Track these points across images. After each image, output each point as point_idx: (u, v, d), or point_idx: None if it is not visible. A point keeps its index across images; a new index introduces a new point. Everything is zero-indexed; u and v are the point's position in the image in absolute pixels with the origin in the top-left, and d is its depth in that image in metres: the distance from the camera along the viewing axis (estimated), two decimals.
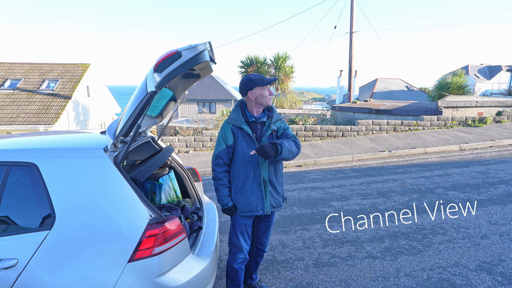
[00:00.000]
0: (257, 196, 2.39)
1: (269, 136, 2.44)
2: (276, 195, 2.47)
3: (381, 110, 11.71)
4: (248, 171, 2.37)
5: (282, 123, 2.52)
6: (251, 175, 2.37)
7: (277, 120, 2.49)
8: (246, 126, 2.37)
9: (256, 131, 2.43)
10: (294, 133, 2.78)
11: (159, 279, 1.83)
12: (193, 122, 19.61)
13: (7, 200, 1.90)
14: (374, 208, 4.64)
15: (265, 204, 2.42)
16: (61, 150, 2.03)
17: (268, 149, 2.22)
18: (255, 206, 2.40)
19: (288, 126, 2.55)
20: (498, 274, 2.94)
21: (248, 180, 2.37)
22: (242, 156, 2.37)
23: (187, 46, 1.84)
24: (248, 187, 2.37)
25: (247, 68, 16.98)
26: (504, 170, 6.10)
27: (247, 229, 2.47)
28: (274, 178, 2.45)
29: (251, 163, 2.37)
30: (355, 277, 3.02)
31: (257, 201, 2.40)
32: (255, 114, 2.44)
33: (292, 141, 2.43)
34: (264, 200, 2.41)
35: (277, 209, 2.50)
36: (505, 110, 11.10)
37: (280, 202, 2.51)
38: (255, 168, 2.37)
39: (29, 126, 14.07)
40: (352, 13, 14.07)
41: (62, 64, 17.83)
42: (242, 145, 2.37)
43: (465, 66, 36.66)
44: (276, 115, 2.51)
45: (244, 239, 2.46)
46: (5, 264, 1.76)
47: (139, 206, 1.87)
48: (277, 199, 2.49)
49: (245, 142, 2.38)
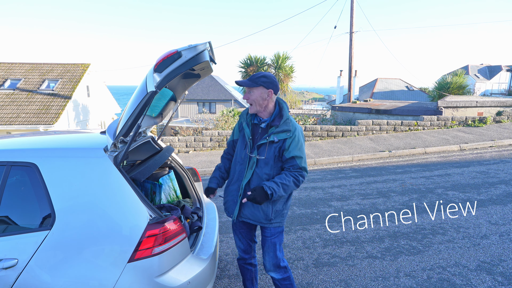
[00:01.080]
0: (233, 200, 2.29)
1: (267, 148, 2.14)
2: (253, 208, 2.19)
3: (381, 110, 11.71)
4: (235, 172, 2.29)
5: (291, 139, 2.12)
6: (235, 177, 2.28)
7: (282, 131, 2.13)
8: (246, 127, 2.25)
9: (255, 135, 2.23)
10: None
11: (159, 279, 1.83)
12: (193, 122, 19.63)
13: (7, 200, 1.90)
14: (374, 208, 4.64)
15: (235, 210, 2.26)
16: (61, 150, 2.03)
17: (260, 198, 2.05)
18: (228, 207, 2.33)
19: (301, 154, 2.13)
20: (498, 274, 2.94)
21: (233, 181, 2.30)
22: (236, 155, 2.31)
23: (187, 46, 1.84)
24: (231, 187, 2.31)
25: (247, 68, 16.98)
26: (504, 170, 6.10)
27: (239, 229, 2.41)
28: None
29: (240, 165, 2.25)
30: (355, 277, 3.02)
31: (231, 204, 2.30)
32: (260, 116, 2.24)
33: (292, 176, 2.13)
34: (236, 205, 2.25)
35: (254, 222, 2.24)
36: (505, 110, 11.10)
37: (259, 218, 2.20)
38: (240, 172, 2.25)
39: (29, 126, 14.07)
40: (352, 13, 14.07)
41: (62, 64, 17.83)
42: (240, 144, 2.30)
43: (465, 66, 36.66)
44: (284, 125, 2.14)
45: (238, 238, 2.45)
46: (5, 264, 1.76)
47: (139, 206, 1.87)
48: (255, 213, 2.20)
49: (243, 142, 2.27)
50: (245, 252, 2.48)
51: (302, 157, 2.16)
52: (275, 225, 2.24)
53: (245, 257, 2.49)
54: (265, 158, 2.14)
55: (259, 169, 2.16)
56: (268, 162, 2.15)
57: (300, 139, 2.17)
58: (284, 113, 2.19)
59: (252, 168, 2.18)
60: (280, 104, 2.24)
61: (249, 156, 2.20)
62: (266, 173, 2.16)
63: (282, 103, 2.24)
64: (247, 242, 2.45)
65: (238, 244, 2.47)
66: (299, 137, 2.16)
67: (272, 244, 2.28)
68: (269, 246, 2.29)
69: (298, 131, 2.16)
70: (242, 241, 2.45)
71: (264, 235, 2.31)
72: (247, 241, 2.45)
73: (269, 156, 2.14)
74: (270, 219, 2.20)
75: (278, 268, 2.29)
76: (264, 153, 2.15)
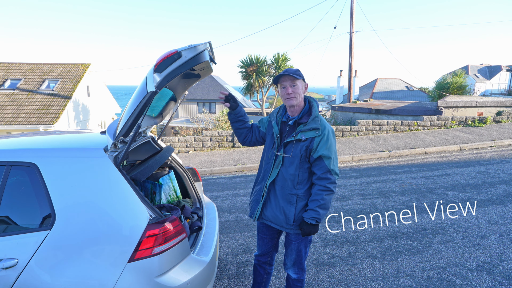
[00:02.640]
0: (256, 200, 2.26)
1: (294, 146, 2.06)
2: (276, 209, 2.14)
3: (381, 110, 11.71)
4: (261, 171, 2.26)
5: (320, 137, 2.02)
6: (261, 176, 2.24)
7: (310, 130, 2.04)
8: (275, 125, 2.18)
9: (283, 133, 2.16)
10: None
11: (159, 279, 1.83)
12: (193, 122, 19.62)
13: (7, 200, 1.90)
14: (374, 208, 4.64)
15: (256, 210, 2.24)
16: (61, 150, 2.03)
17: (310, 230, 2.02)
18: (251, 208, 2.31)
19: (329, 154, 2.02)
20: (498, 274, 2.94)
21: (258, 180, 2.27)
22: (264, 154, 2.26)
23: (187, 46, 1.84)
24: (256, 187, 2.28)
25: (247, 68, 16.97)
26: (504, 170, 6.10)
27: (262, 234, 2.37)
28: (281, 190, 2.12)
29: (267, 164, 2.20)
30: (355, 277, 3.02)
31: (254, 204, 2.28)
32: (289, 114, 2.16)
33: (321, 190, 2.02)
34: (258, 205, 2.23)
35: (276, 226, 2.18)
36: (505, 110, 11.10)
37: (280, 221, 2.14)
38: (266, 171, 2.19)
39: (29, 126, 14.08)
40: (352, 13, 14.07)
41: (62, 64, 17.83)
42: (268, 143, 2.23)
43: (465, 66, 36.66)
44: (312, 123, 2.05)
45: (260, 237, 2.40)
46: (5, 264, 1.76)
47: (139, 206, 1.87)
48: (276, 214, 2.14)
49: (271, 141, 2.20)
50: (262, 255, 2.42)
51: (331, 157, 2.03)
52: (298, 231, 2.15)
53: (260, 259, 2.44)
54: (291, 157, 2.06)
55: (285, 168, 2.09)
56: (294, 161, 2.06)
57: (330, 138, 2.05)
58: (313, 110, 2.10)
59: (278, 167, 2.11)
60: (310, 102, 2.16)
61: (276, 155, 2.14)
62: (291, 173, 2.07)
63: (312, 101, 2.17)
64: (266, 248, 2.39)
65: (258, 244, 2.42)
66: (329, 137, 2.04)
67: (296, 247, 2.21)
68: (293, 249, 2.23)
69: (328, 130, 2.05)
70: (261, 246, 2.40)
71: (288, 238, 2.24)
72: (266, 247, 2.39)
73: (295, 155, 2.05)
74: (292, 223, 2.11)
75: (297, 269, 2.27)
76: (290, 151, 2.06)
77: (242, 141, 2.35)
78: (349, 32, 14.24)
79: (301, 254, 2.23)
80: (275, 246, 2.41)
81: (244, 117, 2.30)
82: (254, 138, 2.33)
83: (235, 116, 2.29)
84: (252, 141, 2.35)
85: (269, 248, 2.39)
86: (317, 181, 2.06)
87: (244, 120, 2.31)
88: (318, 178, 2.05)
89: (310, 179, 2.12)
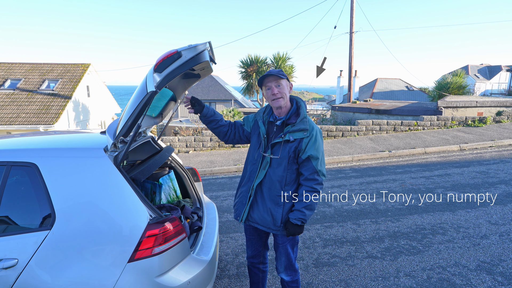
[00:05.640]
0: (242, 202, 2.22)
1: (282, 148, 2.04)
2: (263, 211, 2.11)
3: (381, 110, 11.71)
4: (246, 172, 2.22)
5: (308, 138, 2.02)
6: (246, 177, 2.21)
7: (299, 130, 2.03)
8: (262, 125, 2.15)
9: (270, 133, 2.13)
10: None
11: (159, 279, 1.83)
12: (193, 122, 19.60)
13: (7, 200, 1.90)
14: (374, 208, 4.64)
15: (242, 212, 2.20)
16: (61, 150, 2.03)
17: (295, 230, 2.03)
18: (237, 209, 2.27)
19: (317, 154, 2.02)
20: (498, 274, 2.94)
21: (243, 182, 2.23)
22: (249, 155, 2.22)
23: (187, 46, 1.84)
24: (241, 188, 2.24)
25: (247, 68, 16.98)
26: (504, 170, 6.10)
27: (249, 235, 2.36)
28: (268, 192, 2.09)
29: (253, 165, 2.16)
30: (355, 277, 3.02)
31: (240, 206, 2.24)
32: (276, 114, 2.14)
33: (307, 191, 2.02)
34: (244, 207, 2.19)
35: (263, 228, 2.15)
36: (505, 110, 11.10)
37: (267, 223, 2.11)
38: (252, 172, 2.16)
39: (29, 126, 14.08)
40: (352, 13, 14.07)
41: (62, 64, 17.84)
42: (253, 144, 2.20)
43: (465, 66, 36.68)
44: (300, 123, 2.04)
45: (248, 239, 2.39)
46: (5, 264, 1.76)
47: (139, 206, 1.87)
48: (264, 216, 2.11)
49: (257, 142, 2.17)
50: (253, 257, 2.41)
51: (319, 158, 2.03)
52: (285, 232, 2.12)
53: (253, 260, 2.43)
54: (279, 158, 2.04)
55: (272, 169, 2.07)
56: (282, 162, 2.04)
57: (318, 139, 2.05)
58: (302, 111, 2.09)
59: (265, 168, 2.08)
60: (298, 102, 2.14)
61: (263, 156, 2.11)
62: (279, 175, 2.06)
63: (300, 101, 2.15)
64: (255, 248, 2.37)
65: (247, 245, 2.40)
66: (317, 138, 2.04)
67: (284, 250, 2.20)
68: (281, 252, 2.22)
69: (316, 131, 2.05)
70: (250, 248, 2.39)
71: (276, 242, 2.24)
72: (256, 247, 2.37)
73: (283, 156, 2.03)
74: (279, 225, 2.09)
75: (289, 271, 2.25)
76: (278, 152, 2.04)
77: (224, 140, 2.33)
78: (349, 32, 14.24)
79: (290, 256, 2.22)
80: (265, 244, 2.41)
81: (214, 116, 2.28)
82: (237, 136, 2.31)
83: (205, 119, 2.28)
84: (236, 139, 2.32)
85: (259, 248, 2.38)
86: (304, 182, 2.06)
87: (216, 119, 2.28)
88: (305, 179, 2.05)
89: (297, 180, 2.11)
